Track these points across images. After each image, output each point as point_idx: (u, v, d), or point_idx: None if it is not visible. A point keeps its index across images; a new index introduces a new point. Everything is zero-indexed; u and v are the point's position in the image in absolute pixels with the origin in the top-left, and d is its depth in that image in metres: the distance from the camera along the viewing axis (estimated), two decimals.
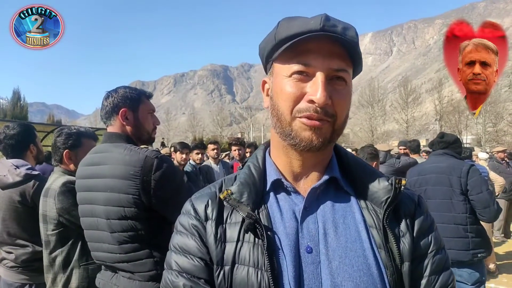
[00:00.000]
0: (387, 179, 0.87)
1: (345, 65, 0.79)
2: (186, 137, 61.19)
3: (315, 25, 0.76)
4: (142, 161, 1.68)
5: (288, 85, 0.79)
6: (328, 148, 0.84)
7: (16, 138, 2.53)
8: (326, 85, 0.77)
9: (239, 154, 5.58)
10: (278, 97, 0.82)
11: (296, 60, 0.79)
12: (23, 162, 2.49)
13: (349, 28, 0.79)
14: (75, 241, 2.09)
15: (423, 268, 0.83)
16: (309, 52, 0.78)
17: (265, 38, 0.86)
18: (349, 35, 0.78)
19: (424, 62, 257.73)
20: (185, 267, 0.83)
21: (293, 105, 0.79)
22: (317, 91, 0.76)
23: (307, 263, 0.78)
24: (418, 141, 6.87)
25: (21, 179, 2.39)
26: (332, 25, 0.77)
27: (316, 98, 0.76)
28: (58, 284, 2.10)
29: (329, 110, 0.78)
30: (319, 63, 0.77)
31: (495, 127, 47.97)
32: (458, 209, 3.12)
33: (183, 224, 0.87)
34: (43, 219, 2.16)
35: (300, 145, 0.80)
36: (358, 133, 61.08)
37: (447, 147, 3.39)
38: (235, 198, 0.83)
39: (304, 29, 0.76)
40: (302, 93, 0.78)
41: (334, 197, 0.85)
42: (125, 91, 1.91)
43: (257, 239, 0.79)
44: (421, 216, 0.87)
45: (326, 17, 0.77)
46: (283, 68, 0.81)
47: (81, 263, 2.09)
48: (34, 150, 2.64)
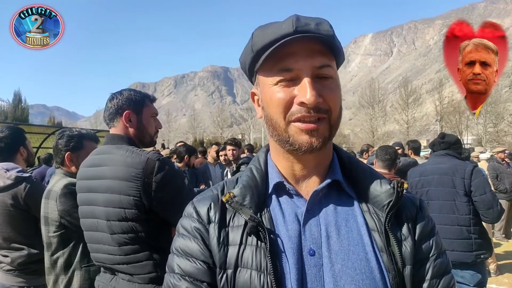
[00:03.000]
0: (389, 182, 0.86)
1: (327, 60, 0.80)
2: (186, 139, 61.19)
3: (287, 28, 0.76)
4: (143, 163, 1.68)
5: (276, 92, 0.80)
6: (328, 146, 0.84)
7: (5, 141, 2.52)
8: (314, 84, 0.77)
9: (233, 155, 5.55)
10: (269, 106, 0.82)
11: (278, 67, 0.79)
12: (13, 165, 2.48)
13: (322, 22, 0.79)
14: (77, 242, 2.09)
15: (424, 271, 0.83)
16: (289, 57, 0.78)
17: (243, 51, 0.86)
18: (324, 29, 0.78)
19: (425, 63, 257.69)
20: (188, 270, 0.82)
21: (285, 111, 0.79)
22: (306, 92, 0.76)
23: (310, 266, 0.78)
24: (419, 142, 6.86)
25: (12, 182, 2.38)
26: (305, 24, 0.77)
27: (306, 99, 0.76)
28: (59, 285, 2.10)
29: (322, 106, 0.78)
30: (301, 65, 0.77)
31: (495, 128, 47.91)
32: (461, 210, 3.11)
33: (185, 227, 0.87)
34: (45, 221, 2.16)
35: (302, 150, 0.80)
36: (358, 134, 61.08)
37: (449, 147, 3.38)
38: (237, 201, 0.82)
39: (278, 35, 0.76)
40: (291, 97, 0.78)
41: (337, 200, 0.85)
42: (130, 93, 1.93)
43: (260, 242, 0.79)
44: (423, 220, 0.87)
45: (297, 18, 0.78)
46: (268, 77, 0.81)
47: (83, 264, 2.09)
48: (24, 152, 2.63)
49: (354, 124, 65.14)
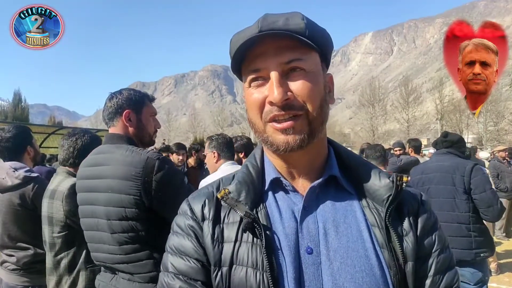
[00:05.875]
0: (388, 176, 0.85)
1: (299, 54, 0.77)
2: (187, 138, 61.17)
3: (253, 30, 0.77)
4: (143, 162, 1.69)
5: (251, 94, 0.80)
6: (314, 142, 0.81)
7: (12, 141, 2.52)
8: (281, 81, 0.76)
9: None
10: (248, 108, 0.82)
11: (249, 69, 0.80)
12: (21, 165, 2.49)
13: (291, 17, 0.78)
14: (82, 243, 2.07)
15: (427, 267, 0.81)
16: (257, 57, 0.78)
17: None
18: (293, 23, 0.77)
19: (425, 61, 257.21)
20: (182, 269, 0.81)
21: (260, 112, 0.79)
22: (273, 91, 0.75)
23: (308, 264, 0.76)
24: (420, 140, 6.86)
25: (20, 182, 2.38)
26: (271, 22, 0.76)
27: (272, 98, 0.75)
28: (63, 286, 2.10)
29: (295, 103, 0.76)
30: (268, 63, 0.77)
31: (496, 126, 47.84)
32: (461, 208, 3.12)
33: (179, 225, 0.86)
34: (49, 221, 2.15)
35: (280, 149, 0.78)
36: (359, 133, 61.06)
37: (451, 146, 3.39)
38: (232, 197, 0.81)
39: (245, 37, 0.76)
40: (263, 98, 0.78)
41: (334, 196, 0.83)
42: (130, 93, 1.93)
43: (256, 238, 0.77)
44: (425, 215, 0.85)
45: (264, 17, 0.78)
46: (245, 81, 0.82)
47: (88, 265, 2.08)
48: (31, 151, 2.64)
49: (354, 123, 65.10)
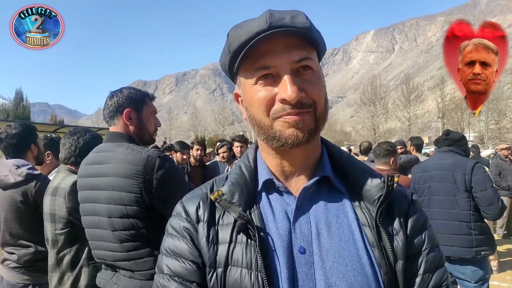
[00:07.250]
0: (380, 176, 0.86)
1: (306, 52, 0.78)
2: (188, 136, 61.28)
3: (262, 25, 0.74)
4: (144, 160, 1.69)
5: (257, 92, 0.79)
6: (315, 140, 0.83)
7: (17, 138, 2.53)
8: (294, 79, 0.76)
9: (240, 152, 5.53)
10: (252, 106, 0.81)
11: (256, 66, 0.77)
12: (24, 162, 2.49)
13: (297, 15, 0.77)
14: (84, 240, 2.08)
15: (417, 266, 0.82)
16: (265, 54, 0.76)
17: (222, 53, 0.85)
18: (299, 22, 0.76)
19: (426, 60, 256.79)
20: (177, 270, 0.81)
21: (268, 109, 0.78)
22: (286, 89, 0.74)
23: (301, 264, 0.77)
24: (422, 139, 6.86)
25: (22, 179, 2.39)
26: (279, 19, 0.75)
27: (287, 95, 0.74)
28: (65, 283, 2.10)
29: (305, 101, 0.77)
30: (279, 61, 0.76)
31: (498, 125, 47.73)
32: (462, 206, 3.12)
33: (174, 227, 0.86)
34: (51, 218, 2.15)
35: (288, 143, 0.78)
36: (360, 131, 60.97)
37: (453, 144, 3.39)
38: (226, 199, 0.81)
39: (252, 33, 0.75)
40: (272, 95, 0.77)
41: (327, 196, 0.84)
42: (130, 91, 1.94)
43: (250, 240, 0.78)
44: (415, 214, 0.86)
45: (270, 13, 0.76)
46: (247, 77, 0.80)
47: (90, 261, 2.09)
48: (35, 150, 2.64)
49: (355, 122, 65.04)
